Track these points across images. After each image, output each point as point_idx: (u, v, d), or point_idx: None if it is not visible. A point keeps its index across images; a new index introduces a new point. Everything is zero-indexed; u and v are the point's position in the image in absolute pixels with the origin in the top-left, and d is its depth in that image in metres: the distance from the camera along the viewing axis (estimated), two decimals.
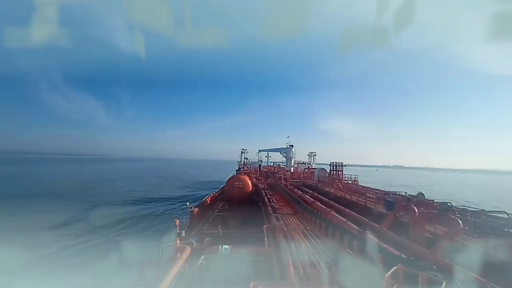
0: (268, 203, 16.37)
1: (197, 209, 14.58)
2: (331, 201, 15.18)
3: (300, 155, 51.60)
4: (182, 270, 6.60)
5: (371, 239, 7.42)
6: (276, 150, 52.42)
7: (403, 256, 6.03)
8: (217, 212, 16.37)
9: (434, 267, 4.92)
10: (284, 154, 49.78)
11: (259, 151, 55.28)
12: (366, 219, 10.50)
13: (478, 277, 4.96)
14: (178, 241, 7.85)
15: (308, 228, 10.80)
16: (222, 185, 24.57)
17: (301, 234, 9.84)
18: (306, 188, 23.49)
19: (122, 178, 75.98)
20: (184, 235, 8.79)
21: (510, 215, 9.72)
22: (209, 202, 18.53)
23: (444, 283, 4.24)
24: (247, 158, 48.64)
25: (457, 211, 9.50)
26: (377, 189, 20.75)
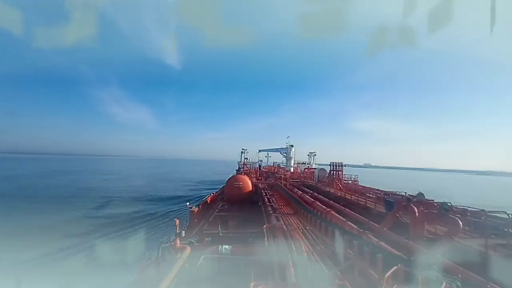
0: (268, 203, 16.35)
1: (197, 209, 14.56)
2: (331, 201, 15.17)
3: (300, 155, 51.64)
4: (182, 270, 6.60)
5: (371, 239, 7.41)
6: (276, 150, 52.37)
7: (403, 256, 6.02)
8: (217, 212, 16.34)
9: (434, 267, 4.91)
10: (284, 154, 49.74)
11: (259, 151, 55.29)
12: (366, 219, 10.49)
13: (478, 277, 4.96)
14: (178, 241, 7.85)
15: (308, 228, 10.79)
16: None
17: (301, 234, 9.84)
18: (306, 188, 23.46)
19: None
20: (184, 235, 8.80)
21: (510, 215, 9.71)
22: (209, 202, 18.51)
23: (444, 283, 4.24)
24: (247, 158, 48.58)
25: (457, 211, 9.49)
26: (377, 189, 20.72)
